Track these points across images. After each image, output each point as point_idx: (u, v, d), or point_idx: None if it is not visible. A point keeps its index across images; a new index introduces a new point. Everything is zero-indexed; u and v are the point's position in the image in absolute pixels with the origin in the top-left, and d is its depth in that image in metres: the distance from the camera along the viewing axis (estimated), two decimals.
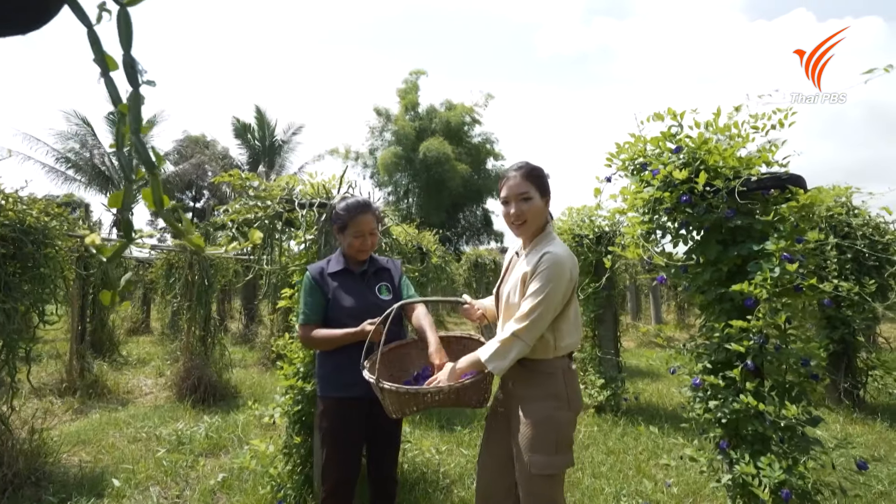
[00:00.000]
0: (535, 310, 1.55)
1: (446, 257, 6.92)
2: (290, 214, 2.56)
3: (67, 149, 21.21)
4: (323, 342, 1.98)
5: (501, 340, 1.57)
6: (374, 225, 2.05)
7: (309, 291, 2.02)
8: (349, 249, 2.03)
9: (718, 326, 1.99)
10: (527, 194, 1.69)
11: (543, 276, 1.57)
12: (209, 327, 5.44)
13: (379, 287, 2.07)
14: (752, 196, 2.12)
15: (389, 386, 1.59)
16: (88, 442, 3.88)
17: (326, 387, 2.00)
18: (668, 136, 2.26)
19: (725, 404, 1.97)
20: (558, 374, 1.64)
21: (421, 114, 23.30)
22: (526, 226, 1.71)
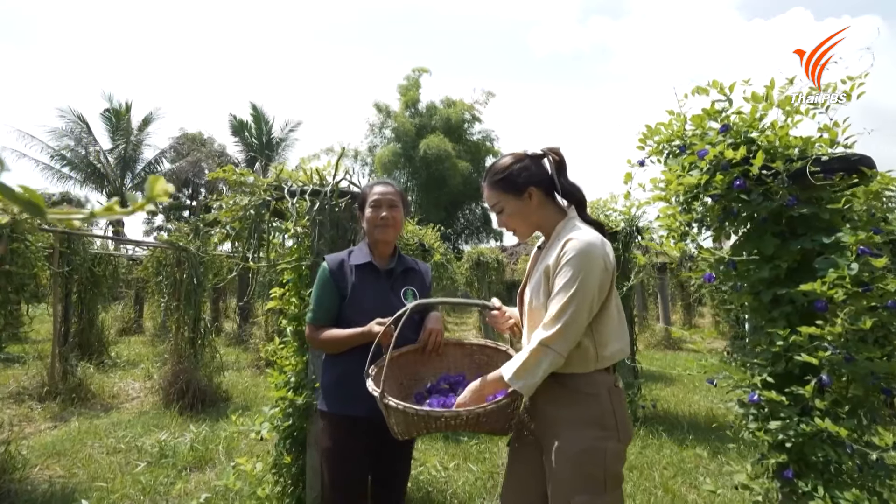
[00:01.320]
0: (565, 310, 1.25)
1: (448, 255, 6.62)
2: (280, 204, 2.25)
3: (62, 146, 20.90)
4: (328, 344, 1.69)
5: (528, 352, 1.27)
6: (393, 197, 1.77)
7: (322, 286, 1.72)
8: (368, 227, 1.75)
9: (782, 333, 1.69)
10: (498, 205, 1.45)
11: (570, 267, 1.27)
12: (199, 329, 5.13)
13: (405, 291, 1.78)
14: (815, 181, 1.83)
15: (396, 403, 1.29)
16: (64, 454, 3.57)
17: (328, 401, 1.70)
18: (713, 112, 1.96)
19: (790, 425, 1.67)
20: (602, 394, 1.33)
21: (421, 111, 22.99)
22: (519, 233, 1.49)
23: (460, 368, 1.67)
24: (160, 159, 22.49)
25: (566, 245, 1.30)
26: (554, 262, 1.31)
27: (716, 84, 1.91)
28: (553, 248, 1.36)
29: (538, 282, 1.36)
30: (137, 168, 22.21)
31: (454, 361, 1.68)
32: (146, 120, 21.93)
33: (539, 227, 1.46)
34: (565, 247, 1.30)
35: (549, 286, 1.32)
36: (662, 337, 8.81)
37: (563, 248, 1.30)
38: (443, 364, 1.69)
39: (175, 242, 4.84)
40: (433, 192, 21.71)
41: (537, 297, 1.35)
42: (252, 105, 24.18)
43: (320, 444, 1.71)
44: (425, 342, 1.65)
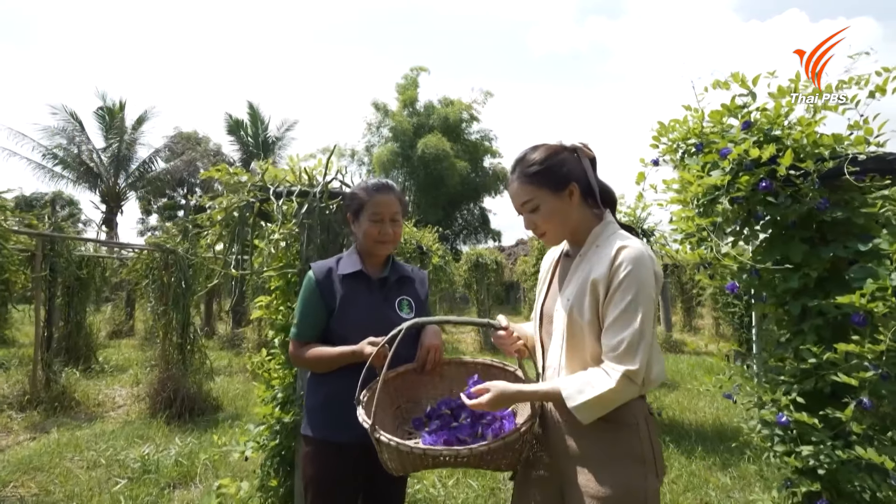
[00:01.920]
0: (642, 334, 1.08)
1: (447, 257, 6.47)
2: (266, 206, 2.09)
3: (55, 144, 20.58)
4: (314, 363, 1.51)
5: (608, 383, 1.06)
6: (396, 209, 1.57)
7: (307, 298, 1.54)
8: (365, 240, 1.56)
9: (815, 350, 1.53)
10: (532, 202, 1.24)
11: (634, 283, 1.10)
12: (187, 334, 4.95)
13: (400, 302, 1.59)
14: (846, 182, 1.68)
15: (388, 439, 1.13)
16: (41, 468, 3.39)
17: (313, 425, 1.53)
18: (734, 108, 1.81)
19: (824, 451, 1.52)
20: (640, 425, 1.15)
21: (419, 110, 22.82)
22: (550, 237, 1.28)
23: (464, 389, 1.51)
24: (154, 158, 22.22)
25: (620, 255, 1.12)
26: (606, 275, 1.12)
27: (737, 77, 1.76)
28: (596, 256, 1.18)
29: (579, 295, 1.17)
30: (131, 167, 21.94)
31: (457, 382, 1.52)
32: (140, 118, 21.66)
33: (574, 232, 1.27)
34: (619, 257, 1.12)
35: (597, 301, 1.14)
36: (663, 339, 8.68)
37: (616, 259, 1.12)
38: (444, 385, 1.53)
39: (162, 245, 4.66)
40: (431, 191, 21.55)
41: (580, 313, 1.16)
42: (249, 104, 23.98)
43: (304, 471, 1.54)
44: (423, 361, 1.49)
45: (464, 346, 9.45)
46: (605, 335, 1.12)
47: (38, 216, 5.17)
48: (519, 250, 22.68)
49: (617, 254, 1.13)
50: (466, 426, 1.35)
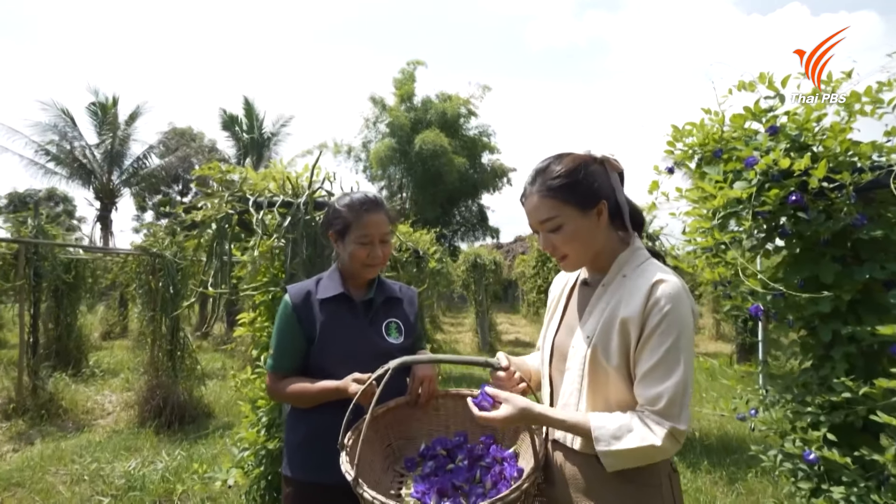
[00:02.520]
0: (685, 386, 0.93)
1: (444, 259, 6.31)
2: (248, 217, 1.93)
3: (47, 140, 20.29)
4: (294, 398, 1.36)
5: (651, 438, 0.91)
6: (386, 229, 1.42)
7: (283, 327, 1.38)
8: (351, 263, 1.40)
9: (850, 385, 1.39)
10: (554, 220, 1.06)
11: (672, 325, 0.94)
12: (177, 340, 4.79)
13: (387, 325, 1.44)
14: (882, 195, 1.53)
15: (372, 497, 0.98)
16: (22, 484, 3.25)
17: (293, 465, 1.39)
18: (758, 111, 1.66)
19: (859, 493, 1.38)
20: (664, 484, 1.01)
21: (416, 105, 22.57)
22: (570, 261, 1.10)
23: (460, 425, 1.36)
24: (149, 154, 21.93)
25: (656, 291, 0.96)
26: (639, 314, 0.96)
27: (763, 78, 1.60)
28: (624, 289, 1.03)
29: (604, 334, 1.01)
30: (125, 163, 21.68)
31: (453, 416, 1.37)
32: (133, 114, 21.36)
33: (597, 257, 1.11)
34: (655, 293, 0.96)
35: (627, 343, 0.99)
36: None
37: (651, 296, 0.96)
38: (439, 419, 1.38)
39: (149, 249, 4.50)
40: (429, 188, 21.35)
41: (607, 356, 1.00)
42: (244, 99, 23.68)
43: None
44: (416, 394, 1.34)
45: (461, 347, 9.33)
46: (642, 384, 0.96)
47: (21, 219, 5.00)
48: (517, 247, 22.56)
49: (653, 289, 0.97)
50: (463, 469, 1.21)
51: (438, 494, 1.08)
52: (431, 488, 1.12)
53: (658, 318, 0.95)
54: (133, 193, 24.35)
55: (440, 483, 1.13)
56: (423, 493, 1.09)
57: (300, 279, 1.90)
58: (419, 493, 1.10)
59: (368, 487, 1.01)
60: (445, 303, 15.56)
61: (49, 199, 30.50)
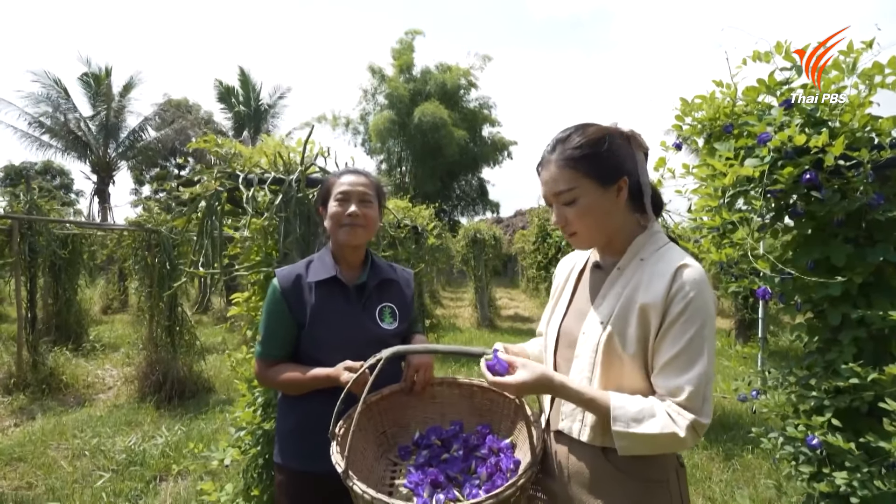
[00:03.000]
0: (707, 378, 0.88)
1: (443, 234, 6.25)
2: (238, 194, 1.86)
3: (40, 112, 19.93)
4: (284, 386, 1.33)
5: (672, 426, 0.86)
6: (365, 191, 1.36)
7: (272, 312, 1.33)
8: (332, 229, 1.34)
9: (859, 371, 1.35)
10: (569, 193, 0.99)
11: (696, 313, 0.89)
12: (175, 315, 4.78)
13: (381, 310, 1.39)
14: None
15: (362, 491, 0.95)
16: (24, 458, 3.28)
17: (284, 453, 1.36)
18: (773, 84, 1.57)
19: (860, 478, 1.36)
20: (671, 480, 0.97)
21: (415, 75, 22.07)
22: (581, 239, 1.03)
23: (456, 413, 1.33)
24: (145, 127, 21.59)
25: (680, 277, 0.91)
26: (662, 301, 0.91)
27: (780, 48, 1.50)
28: (642, 274, 0.97)
29: (621, 320, 0.95)
30: (121, 136, 21.36)
31: (450, 404, 1.34)
32: (128, 85, 20.93)
33: (611, 239, 1.05)
34: (678, 280, 0.91)
35: (646, 331, 0.93)
36: None
37: (675, 282, 0.91)
38: (434, 407, 1.35)
39: (144, 224, 4.43)
40: (428, 161, 21.09)
41: (623, 343, 0.95)
42: (240, 69, 23.18)
43: (277, 499, 1.38)
44: (411, 381, 1.30)
45: (461, 322, 9.36)
46: (662, 375, 0.91)
47: (14, 194, 4.91)
48: (517, 222, 22.45)
49: (677, 274, 0.91)
50: (458, 460, 1.19)
51: (432, 486, 1.06)
52: (425, 479, 1.09)
53: (682, 305, 0.89)
54: (130, 167, 24.10)
55: (434, 474, 1.11)
56: (417, 485, 1.06)
57: (294, 259, 1.84)
58: (412, 483, 1.07)
59: (359, 479, 0.98)
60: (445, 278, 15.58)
61: (45, 173, 30.20)
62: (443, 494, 1.04)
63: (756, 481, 2.95)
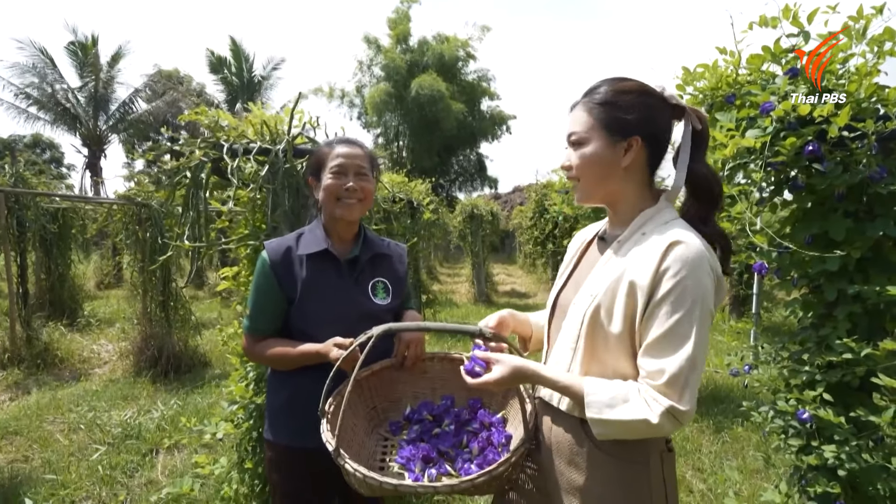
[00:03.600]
0: (692, 364, 0.83)
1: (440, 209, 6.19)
2: (223, 164, 1.80)
3: (27, 83, 19.43)
4: (272, 361, 1.31)
5: (647, 419, 0.83)
6: (361, 163, 1.32)
7: (261, 286, 1.29)
8: (327, 201, 1.30)
9: (853, 346, 1.33)
10: (578, 135, 0.97)
11: (684, 295, 0.84)
12: (169, 290, 4.75)
13: (374, 285, 1.35)
14: None
15: (353, 468, 0.94)
16: (20, 432, 3.30)
17: (274, 429, 1.35)
18: (778, 52, 1.50)
19: (849, 451, 1.36)
20: (653, 462, 0.95)
21: (412, 46, 21.55)
22: (580, 188, 1.00)
23: (448, 388, 1.32)
24: (135, 99, 21.14)
25: (669, 255, 0.86)
26: (650, 279, 0.87)
27: (787, 12, 1.44)
28: (639, 249, 0.93)
29: (610, 294, 0.92)
30: (111, 108, 20.92)
31: (441, 379, 1.33)
32: (116, 55, 20.39)
33: (611, 202, 1.02)
34: (668, 258, 0.86)
35: (634, 309, 0.89)
36: None
37: (664, 260, 0.87)
38: (426, 383, 1.34)
39: (134, 198, 4.35)
40: (426, 136, 20.79)
41: (609, 319, 0.92)
42: (231, 39, 22.55)
43: (269, 476, 1.38)
44: (402, 356, 1.28)
45: (457, 298, 9.39)
46: (645, 355, 0.88)
47: None
48: (516, 198, 22.33)
49: (666, 253, 0.87)
50: (449, 435, 1.18)
51: (423, 461, 1.05)
52: (416, 454, 1.08)
53: (670, 284, 0.85)
54: (122, 140, 23.67)
55: (425, 449, 1.10)
56: (408, 460, 1.05)
57: (283, 232, 1.80)
58: (403, 458, 1.07)
59: (350, 457, 0.97)
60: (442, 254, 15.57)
61: (35, 146, 29.68)
62: (434, 469, 1.03)
63: (745, 453, 3.00)
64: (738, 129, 1.44)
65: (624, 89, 0.95)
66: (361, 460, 0.99)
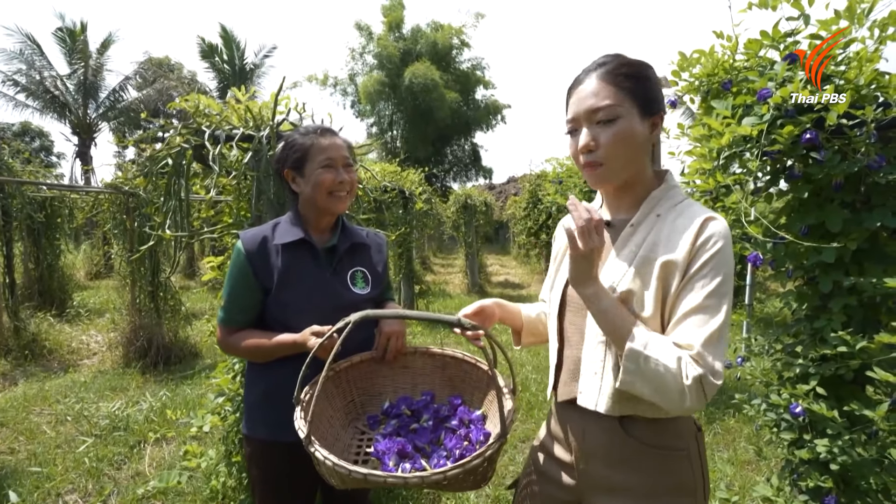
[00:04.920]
0: (719, 335, 0.81)
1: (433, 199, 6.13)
2: (205, 151, 1.74)
3: (14, 70, 19.04)
4: (248, 353, 1.27)
5: (678, 382, 0.79)
6: (347, 155, 1.29)
7: (237, 276, 1.25)
8: (317, 194, 1.25)
9: (848, 339, 1.31)
10: (611, 109, 0.87)
11: (720, 266, 0.83)
12: (158, 280, 4.69)
13: (353, 274, 1.32)
14: None
15: (324, 457, 0.91)
16: (6, 424, 3.25)
17: (252, 423, 1.32)
18: (777, 36, 1.46)
19: (842, 445, 1.35)
20: (691, 448, 0.92)
21: (406, 34, 21.29)
22: (606, 170, 0.91)
23: (428, 383, 1.29)
24: (125, 87, 20.79)
25: (707, 228, 0.84)
26: (688, 253, 0.84)
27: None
28: (663, 230, 0.89)
29: (639, 281, 0.88)
30: (101, 96, 20.57)
31: (422, 374, 1.30)
32: (106, 42, 20.01)
33: (631, 183, 0.95)
34: (706, 231, 0.84)
35: (667, 287, 0.86)
36: None
37: (701, 234, 0.84)
38: (406, 376, 1.30)
39: (121, 187, 4.27)
40: (419, 125, 20.62)
41: (640, 305, 0.87)
42: (221, 26, 22.15)
43: (249, 471, 1.35)
44: (383, 349, 1.25)
45: (451, 288, 9.37)
46: (677, 328, 0.84)
47: None
48: (510, 188, 22.25)
49: (704, 226, 0.85)
50: (426, 431, 1.15)
51: (399, 455, 1.02)
52: (392, 448, 1.05)
53: (707, 255, 0.83)
54: (112, 128, 23.33)
55: (402, 443, 1.06)
56: (383, 453, 1.02)
57: (268, 221, 1.75)
58: (379, 451, 1.03)
59: (321, 446, 0.93)
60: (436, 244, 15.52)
61: (23, 134, 29.18)
62: (409, 464, 1.00)
63: (736, 444, 3.01)
64: (735, 116, 1.40)
65: (644, 65, 0.91)
66: (335, 452, 0.96)
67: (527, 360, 4.56)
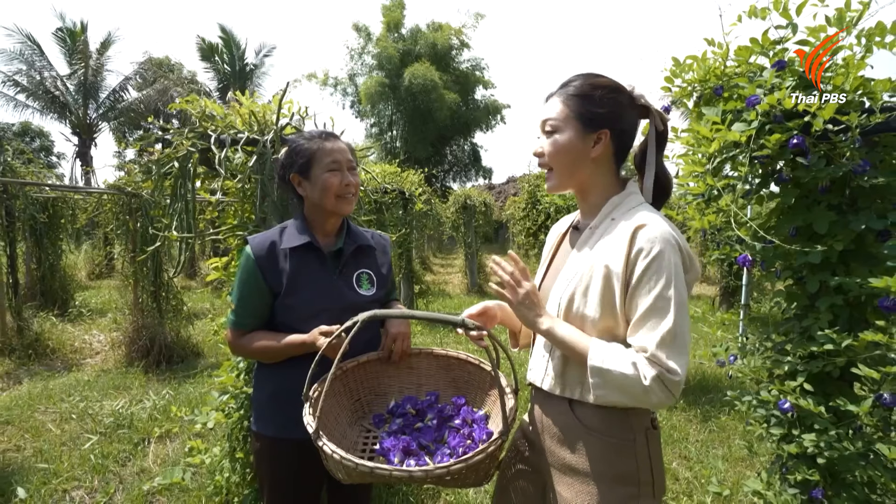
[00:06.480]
0: (672, 334, 0.87)
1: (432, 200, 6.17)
2: (211, 155, 1.79)
3: (14, 70, 19.08)
4: (258, 354, 1.31)
5: (638, 382, 0.86)
6: (351, 158, 1.36)
7: (246, 281, 1.29)
8: (324, 197, 1.30)
9: (835, 337, 1.35)
10: (552, 122, 1.02)
11: (658, 272, 0.89)
12: (160, 281, 4.73)
13: (359, 276, 1.36)
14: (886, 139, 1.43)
15: (331, 450, 0.95)
16: (11, 422, 3.29)
17: (261, 421, 1.36)
18: (766, 44, 1.51)
19: (828, 440, 1.39)
20: (638, 440, 0.97)
21: (405, 35, 21.33)
22: (552, 177, 1.06)
23: (433, 384, 1.34)
24: (126, 87, 20.82)
25: (638, 238, 0.91)
26: (623, 263, 0.91)
27: (778, 4, 1.44)
28: (610, 235, 0.97)
29: (584, 280, 0.97)
30: (101, 96, 20.60)
31: (427, 375, 1.34)
32: (105, 42, 20.05)
33: (582, 190, 1.07)
34: (637, 241, 0.91)
35: (611, 293, 0.93)
36: None
37: (634, 243, 0.91)
38: (412, 377, 1.35)
39: (124, 188, 4.31)
40: (419, 126, 20.67)
41: (584, 303, 0.96)
42: (220, 27, 22.21)
43: (257, 468, 1.39)
44: (389, 350, 1.30)
45: (451, 288, 9.41)
46: (632, 334, 0.91)
47: None
48: (510, 188, 22.30)
49: (634, 235, 0.92)
50: (431, 430, 1.20)
51: (404, 452, 1.06)
52: (397, 445, 1.09)
53: (644, 265, 0.90)
54: (112, 129, 23.37)
55: (406, 441, 1.11)
56: (388, 451, 1.07)
57: (272, 223, 1.80)
58: (383, 449, 1.08)
59: (329, 440, 0.98)
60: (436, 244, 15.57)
61: (24, 135, 29.20)
62: (413, 460, 1.04)
63: (730, 442, 3.05)
64: (724, 122, 1.45)
65: (598, 84, 1.00)
66: (342, 448, 1.00)
67: (527, 360, 4.61)
